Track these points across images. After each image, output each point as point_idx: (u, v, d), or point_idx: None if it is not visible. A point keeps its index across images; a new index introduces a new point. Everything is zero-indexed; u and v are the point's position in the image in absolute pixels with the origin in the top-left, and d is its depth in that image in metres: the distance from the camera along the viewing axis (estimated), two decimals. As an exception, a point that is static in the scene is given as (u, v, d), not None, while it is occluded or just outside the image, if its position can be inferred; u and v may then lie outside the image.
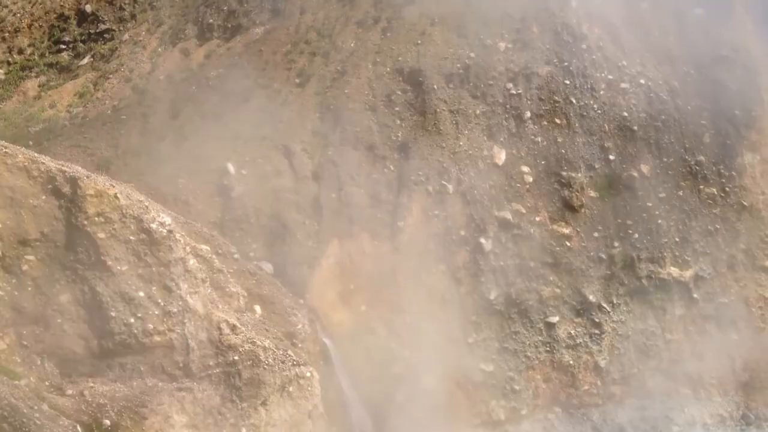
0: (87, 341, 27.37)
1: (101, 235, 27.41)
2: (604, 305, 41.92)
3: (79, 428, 25.45)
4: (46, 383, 26.81)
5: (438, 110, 41.59)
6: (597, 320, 41.72)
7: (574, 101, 43.44)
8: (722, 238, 44.57)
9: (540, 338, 40.81)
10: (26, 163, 27.37)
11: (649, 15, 47.93)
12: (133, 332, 27.64)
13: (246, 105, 40.78)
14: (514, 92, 42.84)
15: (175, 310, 28.28)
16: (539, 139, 42.76)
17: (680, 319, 43.22)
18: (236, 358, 29.14)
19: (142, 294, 27.80)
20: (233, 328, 29.62)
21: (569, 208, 42.24)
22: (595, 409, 41.23)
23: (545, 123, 43.06)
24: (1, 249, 26.68)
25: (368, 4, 45.29)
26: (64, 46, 46.20)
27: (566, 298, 41.37)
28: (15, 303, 26.70)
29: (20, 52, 46.16)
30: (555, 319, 40.96)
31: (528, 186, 42.01)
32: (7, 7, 46.63)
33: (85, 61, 45.50)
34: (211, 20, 45.85)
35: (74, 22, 46.78)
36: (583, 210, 42.41)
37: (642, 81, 45.19)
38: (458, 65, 42.57)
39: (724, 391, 43.28)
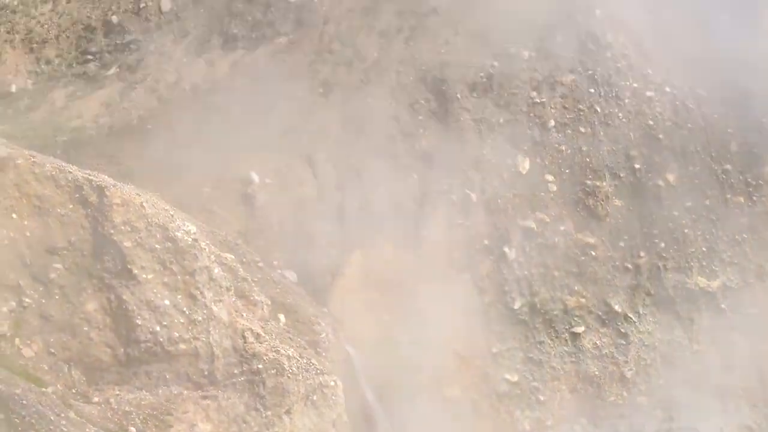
0: (113, 349, 27.51)
1: (127, 243, 27.57)
2: (631, 315, 41.51)
3: (105, 436, 25.59)
4: (73, 391, 26.98)
5: (461, 119, 41.52)
6: (623, 330, 41.32)
7: (598, 110, 43.16)
8: (750, 248, 43.94)
9: (565, 348, 40.48)
10: (54, 173, 27.63)
11: (674, 22, 47.53)
12: (159, 340, 27.75)
13: (270, 114, 40.93)
14: (537, 101, 42.67)
15: (200, 318, 28.35)
16: (563, 147, 42.51)
17: (707, 329, 42.66)
18: (260, 366, 29.14)
19: (167, 302, 27.91)
20: (257, 336, 29.64)
21: (594, 217, 41.94)
22: (621, 421, 40.79)
23: (569, 131, 42.81)
24: (29, 257, 26.94)
25: (391, 14, 45.27)
26: (91, 57, 46.56)
27: (591, 308, 41.00)
28: (42, 311, 26.92)
29: (48, 62, 46.68)
30: (580, 329, 40.60)
31: (552, 195, 41.75)
32: (35, 18, 47.20)
33: (112, 71, 45.88)
34: (235, 30, 46.11)
35: (101, 33, 47.16)
36: (608, 219, 42.08)
37: (667, 89, 44.78)
38: (481, 74, 42.42)
39: (753, 403, 42.63)
